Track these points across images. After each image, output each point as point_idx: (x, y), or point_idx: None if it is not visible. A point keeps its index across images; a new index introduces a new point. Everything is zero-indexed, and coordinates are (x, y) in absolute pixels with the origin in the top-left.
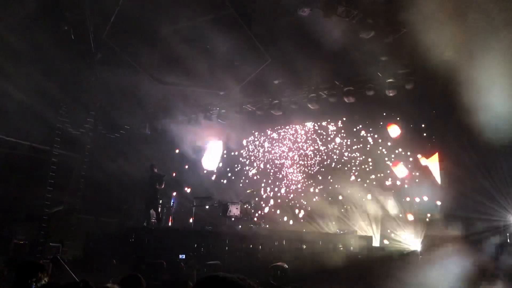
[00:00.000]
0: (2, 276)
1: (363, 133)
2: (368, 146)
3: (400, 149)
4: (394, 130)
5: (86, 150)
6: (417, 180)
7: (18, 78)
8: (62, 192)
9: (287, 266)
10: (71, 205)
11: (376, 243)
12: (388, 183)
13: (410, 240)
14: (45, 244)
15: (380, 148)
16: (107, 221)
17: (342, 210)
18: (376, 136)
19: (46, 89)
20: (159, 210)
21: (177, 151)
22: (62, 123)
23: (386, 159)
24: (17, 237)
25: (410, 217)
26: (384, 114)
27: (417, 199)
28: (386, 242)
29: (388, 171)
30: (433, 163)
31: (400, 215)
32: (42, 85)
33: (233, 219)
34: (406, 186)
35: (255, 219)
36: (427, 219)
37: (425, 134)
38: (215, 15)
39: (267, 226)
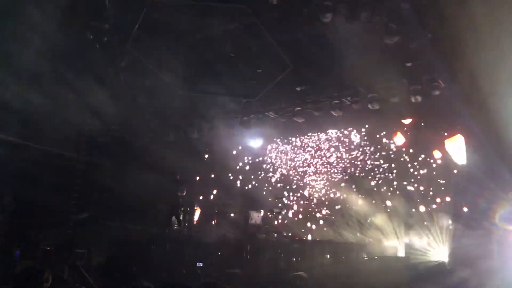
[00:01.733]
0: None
1: (385, 140)
2: (391, 153)
3: (423, 155)
4: (399, 139)
5: (112, 157)
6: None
7: (45, 86)
8: (87, 199)
9: (306, 276)
10: (96, 212)
11: (401, 253)
12: (410, 187)
13: (437, 250)
14: (71, 250)
15: (404, 156)
16: (132, 228)
17: (367, 219)
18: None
19: (72, 96)
20: (181, 217)
21: (206, 155)
22: (88, 131)
23: (409, 165)
24: (44, 242)
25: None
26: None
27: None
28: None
29: (412, 180)
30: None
31: (425, 223)
32: (69, 93)
33: (254, 227)
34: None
35: (277, 227)
36: (450, 226)
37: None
38: (238, 23)
39: (289, 234)
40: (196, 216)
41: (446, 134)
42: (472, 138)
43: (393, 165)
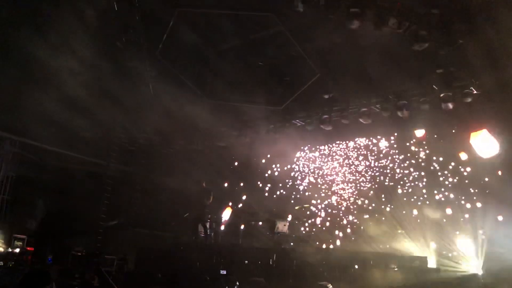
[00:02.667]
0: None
1: (414, 148)
2: (421, 161)
3: (453, 163)
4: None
5: (141, 165)
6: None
7: (78, 96)
8: (117, 206)
9: (332, 286)
10: (126, 219)
11: (431, 264)
12: (439, 197)
13: (470, 261)
14: (101, 256)
15: (434, 164)
16: (161, 235)
17: (397, 230)
18: (428, 151)
19: (103, 106)
20: (208, 225)
21: (234, 163)
22: (118, 139)
23: (440, 173)
24: (75, 248)
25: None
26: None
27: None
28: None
29: (443, 189)
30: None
31: (457, 232)
32: (99, 102)
33: (280, 236)
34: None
35: (304, 236)
36: (483, 235)
37: None
38: (265, 31)
39: (317, 243)
40: (227, 215)
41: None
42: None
43: (422, 173)
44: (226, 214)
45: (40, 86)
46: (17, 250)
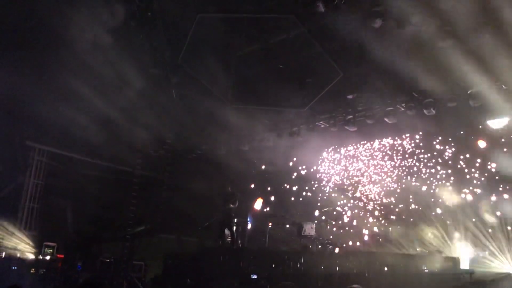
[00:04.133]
0: None
1: (440, 146)
2: (448, 158)
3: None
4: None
5: (166, 170)
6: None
7: (103, 103)
8: (144, 212)
9: None
10: (153, 225)
11: (464, 265)
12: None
13: (505, 260)
14: (129, 262)
15: (461, 163)
16: (187, 240)
17: (430, 232)
18: (454, 149)
19: (128, 113)
20: (234, 229)
21: (261, 167)
22: (143, 146)
23: (466, 170)
24: (103, 255)
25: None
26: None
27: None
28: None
29: (471, 187)
30: None
31: (490, 230)
32: (125, 109)
33: (308, 238)
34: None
35: (332, 238)
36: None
37: None
38: (287, 33)
39: (344, 245)
40: (258, 206)
41: None
42: None
43: (449, 171)
44: (258, 204)
45: (67, 96)
46: (48, 257)
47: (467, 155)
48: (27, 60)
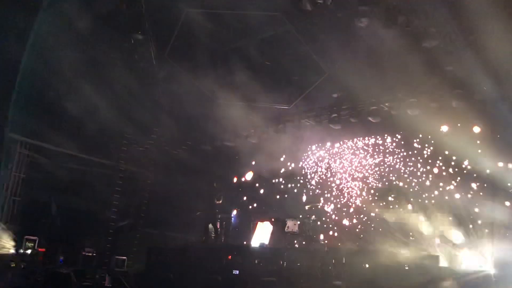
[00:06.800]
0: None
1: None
2: (427, 157)
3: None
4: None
5: (150, 165)
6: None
7: (87, 97)
8: (127, 207)
9: (343, 285)
10: (136, 220)
11: (443, 263)
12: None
13: (482, 258)
14: (111, 256)
15: (438, 162)
16: (171, 236)
17: (406, 228)
18: (432, 148)
19: (112, 106)
20: (218, 225)
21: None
22: (128, 139)
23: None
24: (85, 249)
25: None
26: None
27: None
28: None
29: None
30: None
31: (470, 226)
32: (109, 103)
33: (291, 235)
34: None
35: (314, 235)
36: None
37: None
38: (274, 31)
39: (326, 241)
40: (249, 177)
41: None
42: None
43: (428, 168)
44: (249, 176)
45: (51, 89)
46: (29, 251)
47: (446, 152)
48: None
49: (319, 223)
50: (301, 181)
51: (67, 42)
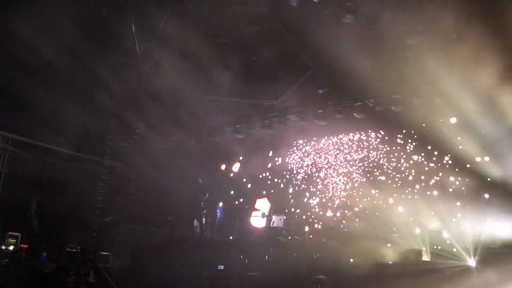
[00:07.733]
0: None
1: (402, 141)
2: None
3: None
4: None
5: (135, 161)
6: None
7: (70, 91)
8: (111, 202)
9: (327, 279)
10: (121, 215)
11: (426, 257)
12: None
13: (465, 253)
14: (96, 252)
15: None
16: (156, 231)
17: (390, 223)
18: (416, 143)
19: (96, 101)
20: (203, 221)
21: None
22: (112, 135)
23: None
24: (69, 245)
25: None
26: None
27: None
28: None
29: (432, 181)
30: None
31: (454, 220)
32: (93, 98)
33: (276, 230)
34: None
35: (299, 230)
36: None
37: None
38: (259, 27)
39: (311, 236)
40: (236, 168)
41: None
42: None
43: (411, 163)
44: (236, 167)
45: (33, 82)
46: (11, 247)
47: (429, 147)
48: None
49: (304, 217)
50: (288, 176)
51: (48, 34)
